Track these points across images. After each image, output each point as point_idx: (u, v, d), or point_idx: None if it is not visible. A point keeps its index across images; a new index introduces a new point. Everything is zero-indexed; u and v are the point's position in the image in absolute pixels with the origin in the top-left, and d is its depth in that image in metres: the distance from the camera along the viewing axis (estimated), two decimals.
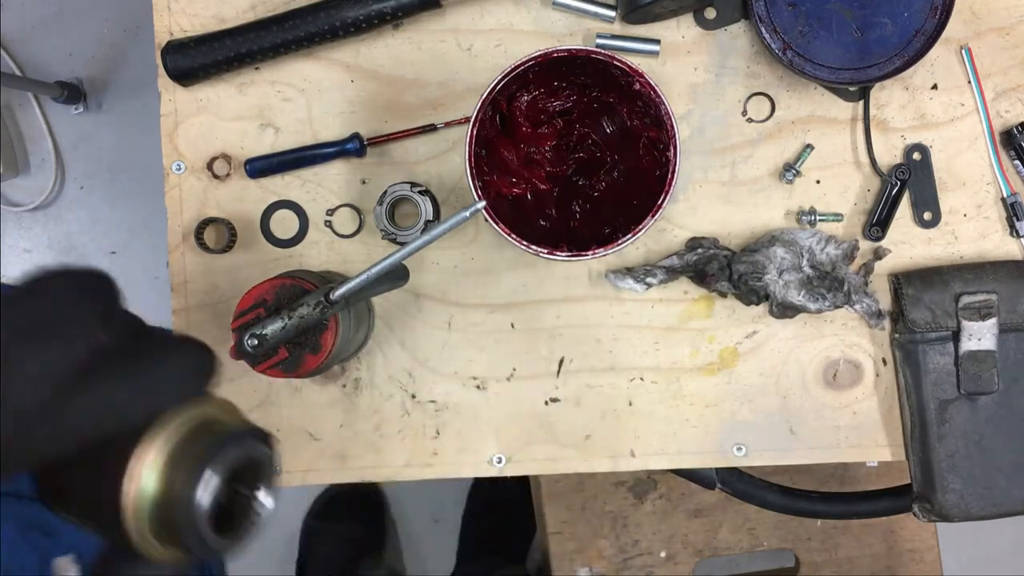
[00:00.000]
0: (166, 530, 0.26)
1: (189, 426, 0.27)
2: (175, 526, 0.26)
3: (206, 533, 0.27)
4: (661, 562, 1.09)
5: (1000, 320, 0.67)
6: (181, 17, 0.72)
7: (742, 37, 0.71)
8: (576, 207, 0.70)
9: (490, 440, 0.72)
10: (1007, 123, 0.70)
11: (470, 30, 0.71)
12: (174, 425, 0.27)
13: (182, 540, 0.26)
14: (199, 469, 0.26)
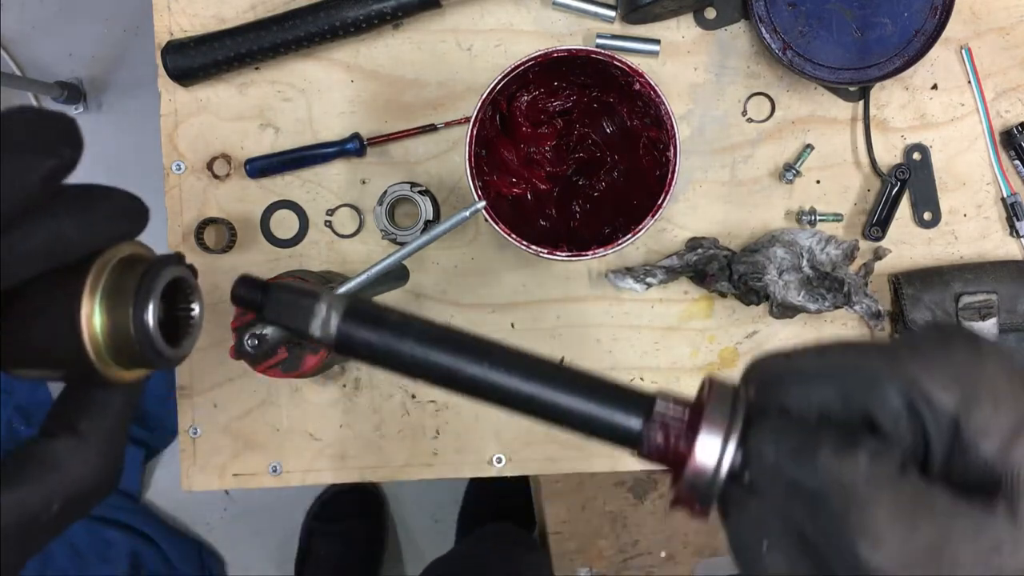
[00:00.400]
0: (123, 354, 0.29)
1: (122, 260, 0.30)
2: (133, 348, 0.29)
3: (162, 347, 0.30)
4: (661, 562, 1.09)
5: (1000, 320, 0.67)
6: (181, 17, 0.72)
7: (742, 37, 0.71)
8: (576, 207, 0.70)
9: (490, 440, 0.72)
10: (1007, 123, 0.70)
11: (470, 30, 0.71)
12: (113, 260, 0.30)
13: (142, 358, 0.29)
14: (143, 295, 0.29)
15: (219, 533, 1.61)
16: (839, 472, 0.25)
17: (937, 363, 0.27)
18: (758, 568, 0.29)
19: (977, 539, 0.25)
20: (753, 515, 0.29)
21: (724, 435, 0.28)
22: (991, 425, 0.26)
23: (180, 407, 0.72)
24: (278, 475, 0.72)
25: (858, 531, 0.25)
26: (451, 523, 1.55)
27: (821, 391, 0.28)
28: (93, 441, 0.30)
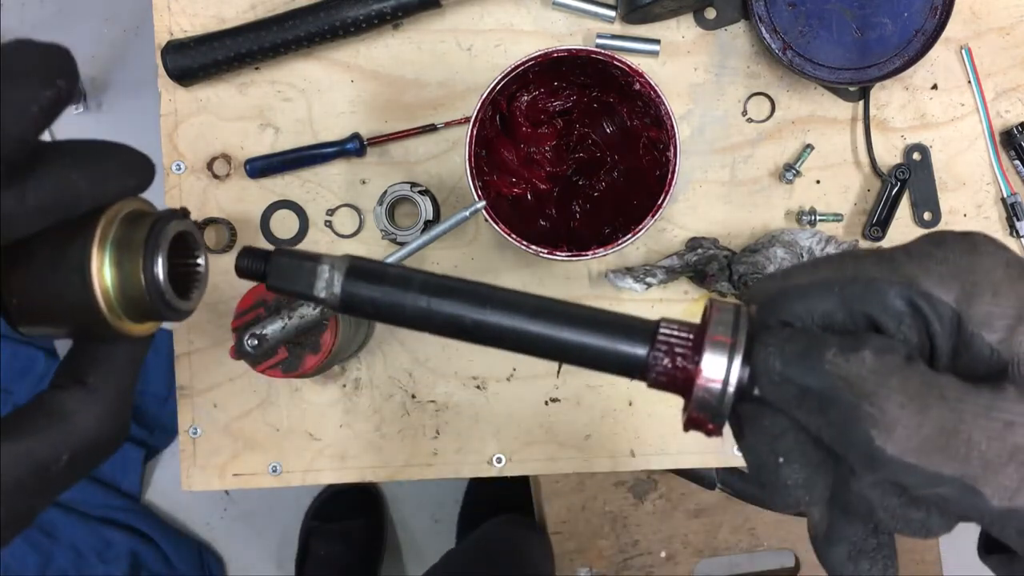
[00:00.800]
0: (133, 307, 0.30)
1: (128, 214, 0.30)
2: (143, 300, 0.29)
3: (171, 298, 0.30)
4: (661, 562, 1.09)
5: None
6: (181, 17, 0.72)
7: (742, 37, 0.71)
8: (576, 207, 0.70)
9: (490, 440, 0.72)
10: (1007, 123, 0.70)
11: (470, 30, 0.71)
12: (120, 214, 0.30)
13: (153, 310, 0.30)
14: (152, 247, 0.29)
15: (219, 533, 1.61)
16: (846, 369, 0.26)
17: (934, 261, 0.27)
18: (776, 482, 0.29)
19: (990, 417, 0.25)
20: (766, 429, 0.29)
21: (729, 350, 0.28)
22: (993, 315, 0.26)
23: (180, 407, 0.72)
24: (278, 475, 0.72)
25: (870, 422, 0.25)
26: (451, 523, 1.55)
27: (822, 302, 0.28)
28: (102, 394, 0.30)
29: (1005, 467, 0.25)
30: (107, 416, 0.30)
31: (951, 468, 0.25)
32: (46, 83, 0.26)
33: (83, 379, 0.30)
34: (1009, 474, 0.25)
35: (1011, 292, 0.27)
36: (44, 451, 0.27)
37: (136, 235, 0.30)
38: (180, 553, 1.55)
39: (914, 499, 0.27)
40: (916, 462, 0.25)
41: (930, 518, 0.27)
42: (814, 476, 0.29)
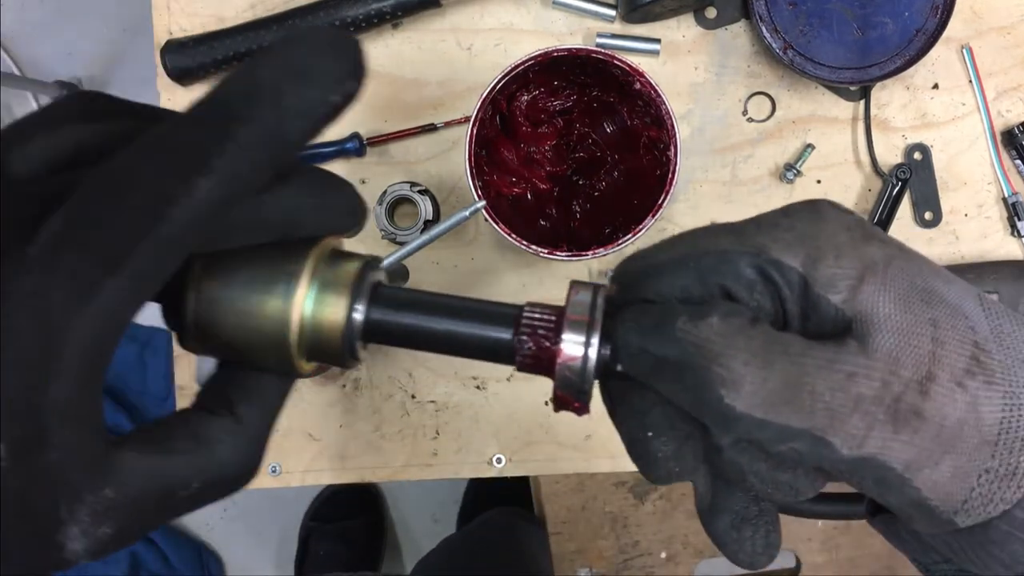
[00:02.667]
0: (318, 348, 0.29)
1: (333, 252, 0.29)
2: (331, 343, 0.28)
3: (359, 350, 0.29)
4: (661, 563, 1.09)
5: None
6: (180, 16, 0.72)
7: (743, 36, 0.71)
8: (576, 207, 0.69)
9: (490, 440, 0.72)
10: (1008, 123, 0.70)
11: (470, 29, 0.71)
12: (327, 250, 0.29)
13: (336, 355, 0.29)
14: (359, 292, 0.29)
15: (219, 533, 1.61)
16: (695, 334, 0.27)
17: (781, 230, 0.28)
18: (648, 456, 0.30)
19: (832, 370, 0.26)
20: (635, 405, 0.30)
21: (587, 328, 0.29)
22: (836, 276, 0.27)
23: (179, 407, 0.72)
24: (277, 475, 0.72)
25: (719, 382, 0.26)
26: (451, 523, 1.55)
27: (679, 278, 0.29)
28: (247, 428, 0.29)
29: (850, 416, 0.26)
30: (246, 452, 0.28)
31: (799, 420, 0.26)
32: (337, 84, 0.24)
33: (233, 407, 0.28)
34: (855, 423, 0.26)
35: (853, 254, 0.27)
36: (177, 474, 0.26)
37: (340, 277, 0.28)
38: (180, 553, 1.55)
39: (780, 462, 0.28)
40: (765, 416, 0.26)
41: (796, 478, 0.28)
42: (683, 448, 0.30)
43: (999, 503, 0.26)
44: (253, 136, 0.23)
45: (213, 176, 0.22)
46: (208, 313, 0.27)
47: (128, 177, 0.22)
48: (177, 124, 0.23)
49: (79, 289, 0.21)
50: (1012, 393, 0.26)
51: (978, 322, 0.27)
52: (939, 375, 0.26)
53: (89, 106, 0.27)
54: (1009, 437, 0.26)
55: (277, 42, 0.24)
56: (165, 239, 0.22)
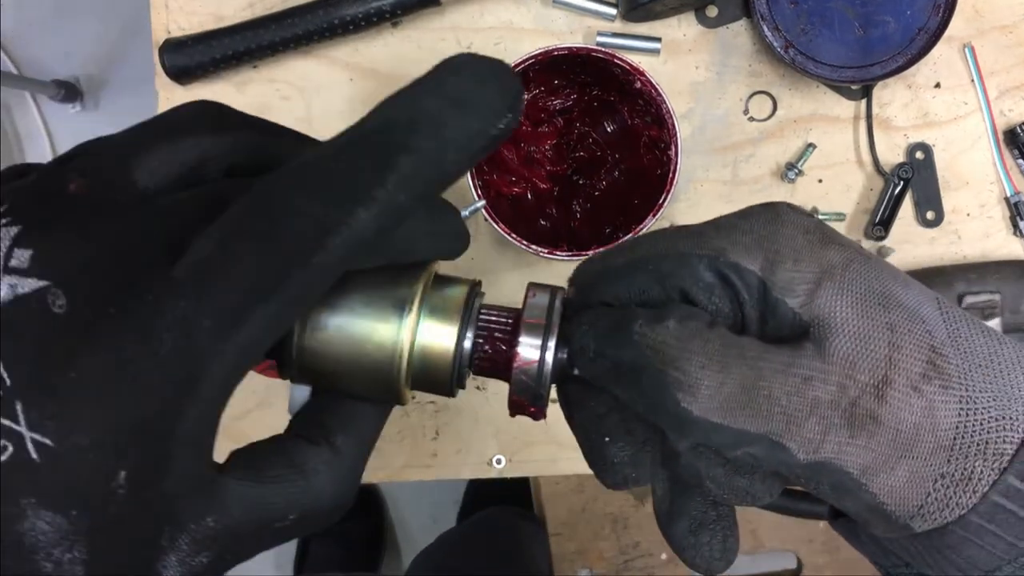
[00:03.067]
0: (424, 375, 0.28)
1: (437, 277, 0.29)
2: (441, 372, 0.28)
3: (465, 377, 0.29)
4: (662, 564, 1.08)
5: (1004, 320, 0.67)
6: (179, 15, 0.71)
7: (744, 35, 0.70)
8: (576, 206, 0.69)
9: (490, 441, 0.72)
10: (1010, 122, 0.70)
11: (470, 28, 0.71)
12: (431, 276, 0.28)
13: (443, 384, 0.28)
14: (468, 320, 0.28)
15: None
16: (652, 338, 0.26)
17: (739, 233, 0.28)
18: (604, 461, 0.30)
19: (789, 373, 0.26)
20: (592, 409, 0.30)
21: (544, 331, 0.28)
22: (794, 280, 0.27)
23: None
24: None
25: (676, 386, 0.26)
26: (451, 523, 1.55)
27: (637, 281, 0.29)
28: (345, 459, 0.27)
29: (806, 420, 0.25)
30: (344, 484, 0.27)
31: (755, 425, 0.25)
32: (497, 117, 0.23)
33: (332, 438, 0.27)
34: (811, 427, 0.25)
35: (811, 258, 0.27)
36: (277, 505, 0.25)
37: (449, 303, 0.28)
38: None
39: (737, 467, 0.28)
40: (722, 421, 0.25)
41: (753, 484, 0.28)
42: (640, 454, 0.29)
43: (955, 508, 0.26)
44: (414, 167, 0.22)
45: (373, 207, 0.22)
46: (314, 340, 0.27)
47: (284, 202, 0.22)
48: (337, 150, 0.22)
49: (228, 317, 0.21)
50: (968, 398, 0.26)
51: (935, 326, 0.27)
52: (896, 380, 0.26)
53: (209, 117, 0.26)
54: (965, 442, 0.26)
55: (439, 69, 0.24)
56: (318, 269, 0.21)
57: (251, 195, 0.22)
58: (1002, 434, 0.26)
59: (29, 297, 0.20)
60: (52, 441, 0.19)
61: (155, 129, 0.25)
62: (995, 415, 0.26)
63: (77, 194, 0.22)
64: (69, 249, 0.21)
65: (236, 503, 0.23)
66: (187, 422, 0.21)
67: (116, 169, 0.23)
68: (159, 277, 0.21)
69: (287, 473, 0.25)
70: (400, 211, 0.22)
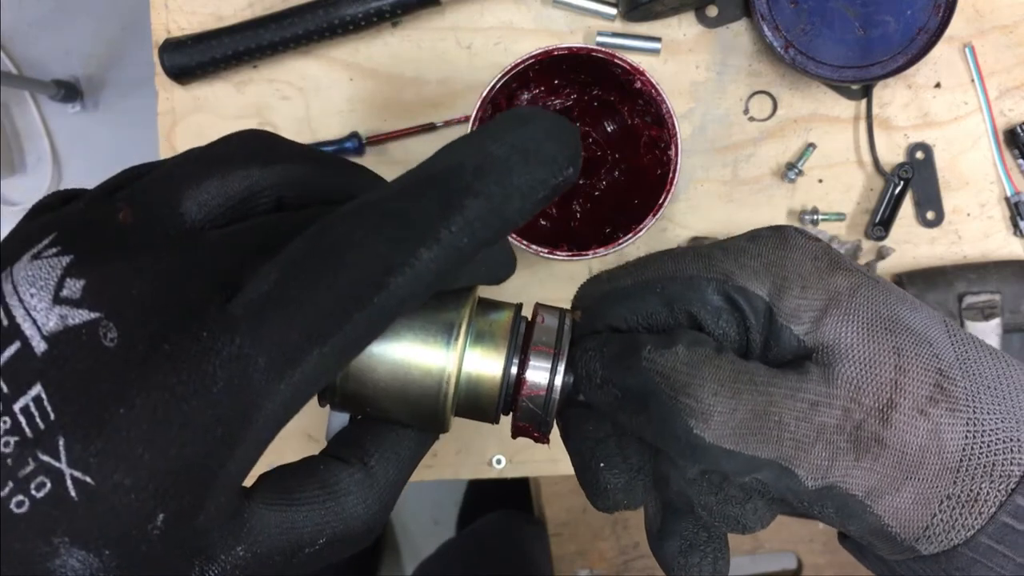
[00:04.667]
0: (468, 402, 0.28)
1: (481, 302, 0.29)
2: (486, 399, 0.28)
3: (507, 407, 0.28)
4: None
5: (1004, 320, 0.67)
6: (179, 15, 0.71)
7: (744, 35, 0.70)
8: (576, 206, 0.69)
9: (490, 441, 0.72)
10: (1011, 122, 0.70)
11: (470, 28, 0.71)
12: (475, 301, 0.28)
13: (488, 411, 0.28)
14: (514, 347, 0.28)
15: None
16: (661, 364, 0.26)
17: (747, 257, 0.28)
18: (597, 486, 0.30)
19: (796, 399, 0.26)
20: (590, 434, 0.30)
21: (553, 359, 0.28)
22: (800, 307, 0.27)
23: None
24: None
25: (688, 412, 0.26)
26: (451, 524, 1.55)
27: (645, 304, 0.29)
28: (379, 481, 0.27)
29: (814, 446, 0.26)
30: (376, 507, 0.26)
31: (766, 451, 0.26)
32: (559, 168, 0.23)
33: (366, 460, 0.27)
34: (818, 452, 0.26)
35: (818, 284, 0.27)
36: (307, 529, 0.24)
37: (495, 328, 0.28)
38: None
39: (729, 496, 0.28)
40: (734, 447, 0.26)
41: (744, 513, 0.28)
42: (634, 481, 0.29)
43: (961, 529, 0.26)
44: (479, 211, 0.22)
45: (436, 248, 0.21)
46: (358, 367, 0.26)
47: (346, 241, 0.21)
48: (401, 188, 0.22)
49: (285, 357, 0.20)
50: (975, 420, 0.26)
51: (943, 349, 0.27)
52: (901, 402, 0.26)
53: (259, 148, 0.25)
54: (971, 464, 0.26)
55: (506, 119, 0.23)
56: (378, 311, 0.21)
57: (312, 232, 0.21)
58: (1009, 456, 0.26)
59: (80, 329, 0.20)
60: (93, 479, 0.19)
61: (205, 160, 0.24)
62: (1002, 437, 0.26)
63: (127, 225, 0.22)
64: (122, 281, 0.20)
65: (265, 530, 0.23)
66: (233, 463, 0.21)
67: (166, 201, 0.23)
68: (214, 313, 0.20)
69: (317, 494, 0.25)
70: (462, 254, 0.22)
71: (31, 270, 0.20)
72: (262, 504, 0.23)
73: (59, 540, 0.19)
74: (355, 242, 0.21)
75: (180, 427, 0.19)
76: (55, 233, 0.21)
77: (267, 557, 0.23)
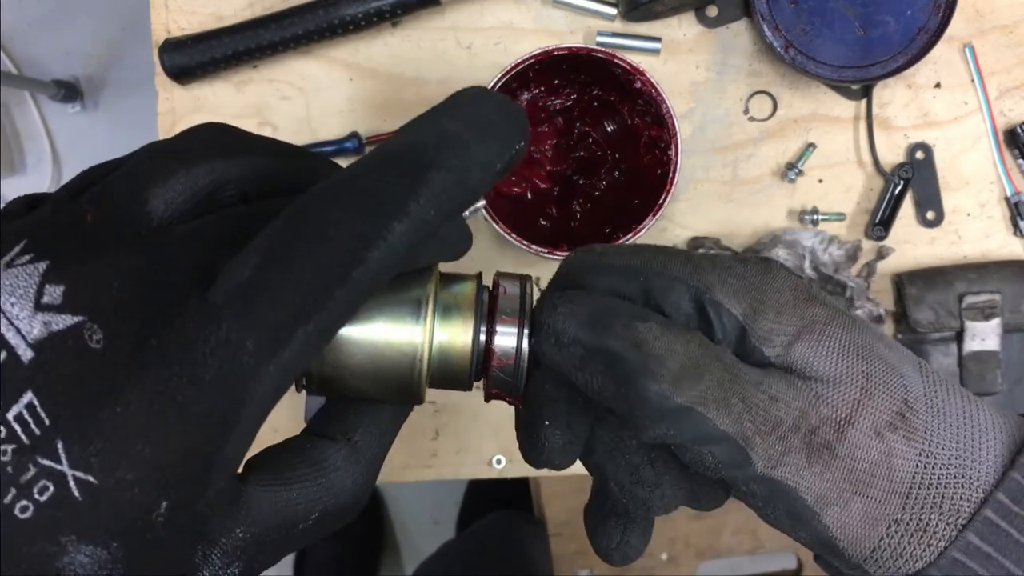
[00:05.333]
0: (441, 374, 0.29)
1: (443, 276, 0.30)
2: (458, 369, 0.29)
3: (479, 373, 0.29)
4: (663, 564, 1.08)
5: (1004, 320, 0.67)
6: (179, 15, 0.71)
7: (744, 35, 0.70)
8: (577, 206, 0.69)
9: (490, 441, 0.72)
10: (1011, 122, 0.70)
11: (469, 28, 0.71)
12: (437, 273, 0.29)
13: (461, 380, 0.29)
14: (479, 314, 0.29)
15: None
16: (635, 334, 0.27)
17: (732, 276, 0.29)
18: (536, 442, 0.31)
19: (759, 389, 0.27)
20: (545, 392, 0.30)
21: (518, 326, 0.29)
22: (773, 331, 0.28)
23: None
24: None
25: (657, 376, 0.26)
26: (451, 523, 1.55)
27: (625, 285, 0.29)
28: (364, 455, 0.27)
29: (769, 435, 0.27)
30: (361, 481, 0.27)
31: (727, 424, 0.26)
32: (514, 140, 0.25)
33: (350, 435, 0.27)
34: (772, 443, 0.27)
35: (794, 312, 0.29)
36: (301, 506, 0.25)
37: (460, 300, 0.29)
38: None
39: (642, 478, 0.29)
40: (703, 411, 0.26)
41: (652, 497, 0.29)
42: (570, 446, 0.30)
43: (910, 559, 0.27)
44: (444, 184, 0.23)
45: (407, 221, 0.22)
46: (331, 351, 0.26)
47: (324, 220, 0.22)
48: (368, 168, 0.23)
49: (271, 339, 0.21)
50: (929, 452, 0.27)
51: (913, 383, 0.28)
52: (860, 420, 0.27)
53: (221, 141, 0.26)
54: (921, 493, 0.27)
55: (455, 100, 0.25)
56: (357, 286, 0.22)
57: (287, 214, 0.22)
58: (959, 491, 0.27)
59: (65, 333, 0.20)
60: (96, 478, 0.19)
61: (167, 156, 0.24)
62: (954, 472, 0.27)
63: (96, 226, 0.22)
64: (100, 282, 0.21)
65: (261, 510, 0.23)
66: (229, 447, 0.21)
67: (132, 199, 0.23)
68: (195, 303, 0.21)
69: (308, 472, 0.25)
70: (430, 226, 0.23)
71: (8, 279, 0.20)
72: (257, 486, 0.24)
73: (66, 539, 0.19)
74: (331, 220, 0.22)
75: (176, 418, 0.20)
76: (26, 240, 0.21)
77: (264, 536, 0.23)
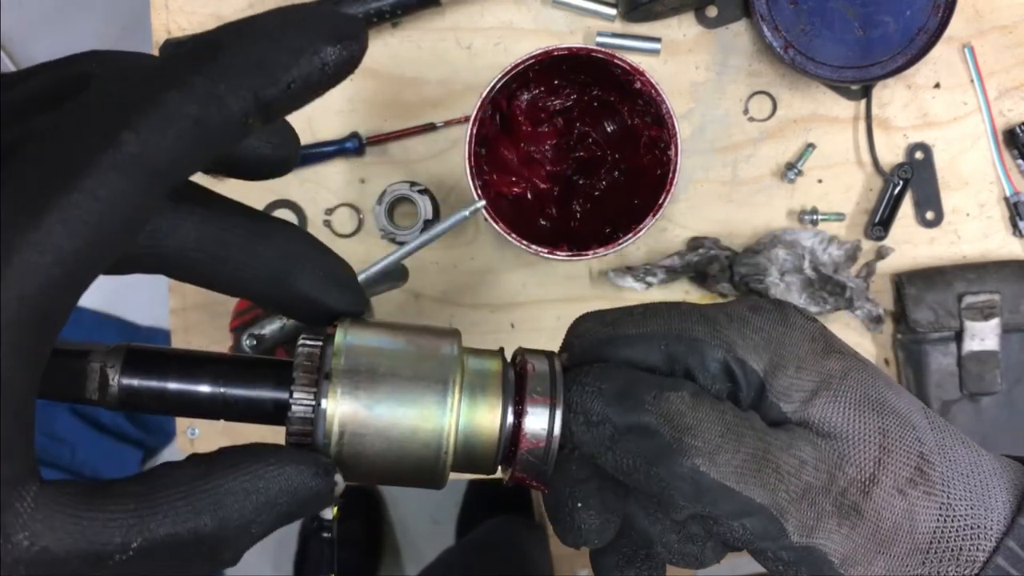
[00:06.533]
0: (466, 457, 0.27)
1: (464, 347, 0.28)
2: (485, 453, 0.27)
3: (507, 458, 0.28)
4: None
5: (1003, 320, 0.67)
6: (179, 15, 0.71)
7: (743, 35, 0.70)
8: (576, 206, 0.69)
9: None
10: (1010, 122, 0.70)
11: (470, 28, 0.71)
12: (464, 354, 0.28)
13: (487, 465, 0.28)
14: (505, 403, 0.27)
15: None
16: (667, 406, 0.27)
17: (750, 329, 0.29)
18: (571, 524, 0.30)
19: (789, 453, 0.27)
20: (572, 473, 0.30)
21: (550, 408, 0.28)
22: (792, 387, 0.29)
23: None
24: None
25: (693, 452, 0.26)
26: (450, 524, 1.55)
27: (648, 356, 0.29)
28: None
29: (801, 502, 0.27)
30: None
31: (762, 496, 0.27)
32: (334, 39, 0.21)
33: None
34: (804, 510, 0.27)
35: (813, 367, 0.29)
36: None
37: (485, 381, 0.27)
38: None
39: (691, 535, 0.29)
40: (735, 487, 0.26)
41: (704, 552, 0.29)
42: (607, 524, 0.30)
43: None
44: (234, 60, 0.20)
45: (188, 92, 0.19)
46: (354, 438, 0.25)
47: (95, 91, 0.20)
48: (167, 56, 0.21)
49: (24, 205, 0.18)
50: (947, 505, 0.28)
51: (925, 434, 0.29)
52: (883, 479, 0.28)
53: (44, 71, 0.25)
54: (940, 547, 0.27)
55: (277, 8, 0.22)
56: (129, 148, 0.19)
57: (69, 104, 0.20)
58: (975, 542, 0.27)
59: None
60: None
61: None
62: (971, 523, 0.28)
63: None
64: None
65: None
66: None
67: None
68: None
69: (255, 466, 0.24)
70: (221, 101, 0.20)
71: None
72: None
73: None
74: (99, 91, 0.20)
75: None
76: None
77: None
